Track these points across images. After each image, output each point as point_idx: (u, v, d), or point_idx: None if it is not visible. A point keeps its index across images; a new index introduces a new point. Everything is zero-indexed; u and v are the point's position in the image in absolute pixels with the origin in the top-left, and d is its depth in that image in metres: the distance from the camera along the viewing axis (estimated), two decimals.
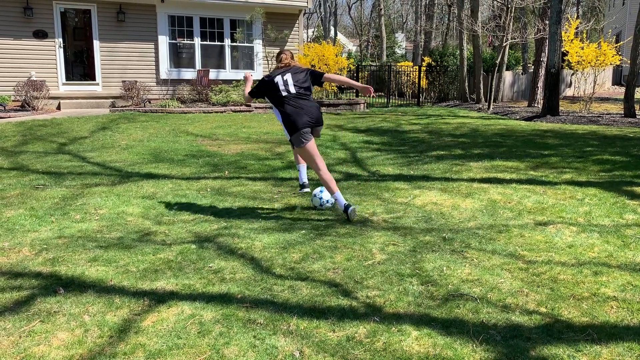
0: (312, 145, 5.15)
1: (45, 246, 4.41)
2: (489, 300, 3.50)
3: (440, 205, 5.75)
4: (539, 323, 3.20)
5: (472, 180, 6.91)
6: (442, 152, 9.01)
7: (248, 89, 5.35)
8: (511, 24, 17.32)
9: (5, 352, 2.82)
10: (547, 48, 15.54)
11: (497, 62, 17.79)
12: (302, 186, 6.11)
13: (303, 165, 5.69)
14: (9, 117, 11.93)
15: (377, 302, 3.45)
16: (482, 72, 18.89)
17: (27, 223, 5.03)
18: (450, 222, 5.17)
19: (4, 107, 12.83)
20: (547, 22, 16.07)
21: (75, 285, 3.64)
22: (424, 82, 20.14)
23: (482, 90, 18.59)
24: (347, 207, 5.12)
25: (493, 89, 17.37)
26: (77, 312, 3.26)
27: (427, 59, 21.99)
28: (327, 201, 5.52)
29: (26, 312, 3.26)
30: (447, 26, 36.27)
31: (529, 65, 25.77)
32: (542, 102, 16.03)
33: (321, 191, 5.54)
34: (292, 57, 5.37)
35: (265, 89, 5.25)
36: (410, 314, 3.30)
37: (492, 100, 17.17)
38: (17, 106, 13.29)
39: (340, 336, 3.02)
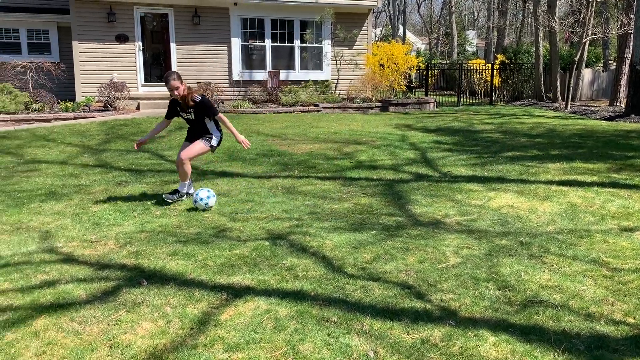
0: None
1: (128, 240, 4.65)
2: (571, 308, 3.36)
3: (516, 208, 5.56)
4: (627, 334, 3.03)
5: (550, 182, 6.64)
6: (518, 153, 8.71)
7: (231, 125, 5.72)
8: (592, 19, 16.48)
9: (96, 339, 3.00)
10: (631, 44, 14.67)
11: (576, 59, 16.98)
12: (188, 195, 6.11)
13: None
14: (93, 117, 12.66)
15: (452, 305, 3.39)
16: (559, 69, 18.08)
17: (111, 217, 5.32)
18: (528, 226, 4.99)
19: (89, 107, 13.62)
20: (632, 16, 15.15)
21: (157, 278, 3.82)
22: (496, 81, 19.53)
23: (559, 89, 17.80)
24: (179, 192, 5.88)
25: (571, 87, 16.59)
26: (160, 303, 3.42)
27: (500, 57, 21.33)
28: (202, 199, 5.50)
29: (113, 302, 3.45)
30: (521, 23, 35.01)
31: (610, 62, 24.44)
32: (625, 100, 15.14)
33: (197, 194, 5.54)
34: None
35: None
36: (487, 319, 3.22)
37: (569, 99, 16.41)
38: (100, 106, 14.06)
39: (415, 338, 3.00)
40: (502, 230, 4.87)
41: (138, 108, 14.22)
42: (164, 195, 5.81)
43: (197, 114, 5.73)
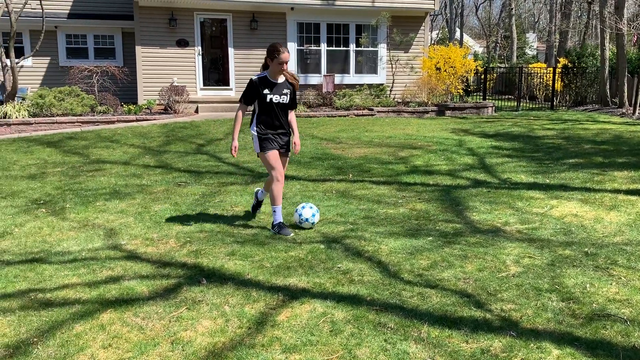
0: None
1: (188, 239, 4.77)
2: None
3: (581, 218, 5.34)
4: None
5: (617, 191, 6.34)
6: (581, 160, 8.37)
7: None
8: None
9: (158, 334, 3.09)
10: None
11: None
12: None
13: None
14: (154, 120, 13.10)
15: (512, 316, 3.29)
16: (626, 73, 17.27)
17: (172, 217, 5.48)
18: (593, 236, 4.78)
19: (150, 110, 14.11)
20: None
21: (216, 277, 3.90)
22: (558, 85, 18.86)
23: (626, 94, 16.99)
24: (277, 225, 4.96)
25: (639, 92, 15.80)
26: (219, 302, 3.49)
27: (562, 60, 20.60)
28: (307, 219, 5.01)
29: (174, 299, 3.54)
30: (585, 25, 33.69)
31: None
32: None
33: (303, 207, 5.07)
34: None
35: None
36: (550, 331, 3.11)
37: (638, 104, 15.64)
38: (161, 109, 14.53)
39: (474, 348, 2.92)
40: (565, 240, 4.69)
41: (197, 111, 14.60)
42: (279, 233, 4.90)
43: (290, 99, 4.92)
